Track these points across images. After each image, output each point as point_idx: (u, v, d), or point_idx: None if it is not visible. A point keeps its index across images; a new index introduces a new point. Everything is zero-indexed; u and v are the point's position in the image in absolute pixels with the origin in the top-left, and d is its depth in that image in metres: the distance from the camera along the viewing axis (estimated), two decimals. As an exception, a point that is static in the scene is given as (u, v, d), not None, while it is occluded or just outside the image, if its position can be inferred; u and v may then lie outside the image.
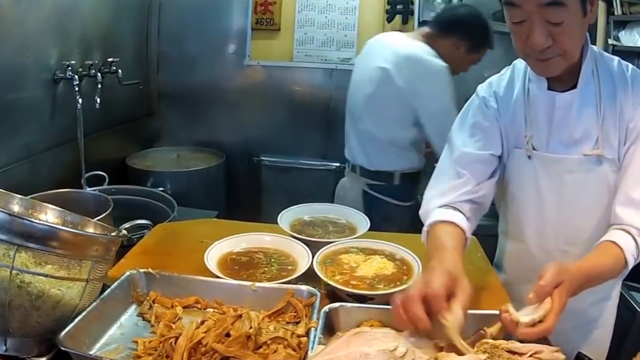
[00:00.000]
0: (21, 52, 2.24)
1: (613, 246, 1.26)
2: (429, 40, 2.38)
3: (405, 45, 2.35)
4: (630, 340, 2.06)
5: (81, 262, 1.08)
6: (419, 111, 2.32)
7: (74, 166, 2.48)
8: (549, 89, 1.39)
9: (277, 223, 1.68)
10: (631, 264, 1.26)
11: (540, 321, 1.04)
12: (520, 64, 1.47)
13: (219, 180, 3.23)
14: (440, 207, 1.40)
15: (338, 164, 3.49)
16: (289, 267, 1.45)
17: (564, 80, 1.37)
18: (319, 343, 1.07)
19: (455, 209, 1.39)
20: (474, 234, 1.80)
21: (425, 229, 1.38)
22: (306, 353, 1.04)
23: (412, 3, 3.43)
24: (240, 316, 1.08)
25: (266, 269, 1.44)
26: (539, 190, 1.45)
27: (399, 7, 3.43)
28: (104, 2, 2.87)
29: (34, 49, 2.31)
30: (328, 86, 3.52)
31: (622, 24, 3.22)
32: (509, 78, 1.51)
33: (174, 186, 2.84)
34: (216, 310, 1.22)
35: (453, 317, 1.03)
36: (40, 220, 1.32)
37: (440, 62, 2.29)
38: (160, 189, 2.69)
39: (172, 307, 1.24)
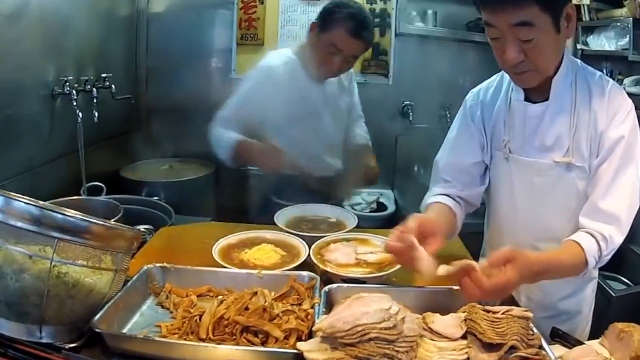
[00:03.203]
0: (20, 69, 2.31)
1: (576, 246, 1.36)
2: (301, 46, 2.39)
3: None
4: (607, 324, 2.20)
5: (111, 253, 1.19)
6: None
7: (72, 178, 2.56)
8: (526, 98, 1.51)
9: (272, 224, 1.80)
10: (592, 264, 1.36)
11: None
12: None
13: (209, 189, 3.31)
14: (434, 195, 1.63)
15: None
16: (290, 257, 1.59)
17: (542, 91, 1.48)
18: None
19: (445, 195, 1.61)
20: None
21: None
22: (313, 322, 1.18)
23: (389, 16, 3.56)
24: (256, 293, 1.22)
25: (270, 259, 1.57)
26: (512, 189, 1.58)
27: (376, 20, 3.53)
28: (95, 20, 2.96)
29: (32, 66, 2.39)
30: (310, 97, 3.62)
31: (590, 29, 3.27)
32: (496, 86, 1.64)
33: (168, 196, 2.91)
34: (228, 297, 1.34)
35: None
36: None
37: (264, 62, 2.42)
38: (156, 198, 2.78)
39: (187, 296, 1.35)
